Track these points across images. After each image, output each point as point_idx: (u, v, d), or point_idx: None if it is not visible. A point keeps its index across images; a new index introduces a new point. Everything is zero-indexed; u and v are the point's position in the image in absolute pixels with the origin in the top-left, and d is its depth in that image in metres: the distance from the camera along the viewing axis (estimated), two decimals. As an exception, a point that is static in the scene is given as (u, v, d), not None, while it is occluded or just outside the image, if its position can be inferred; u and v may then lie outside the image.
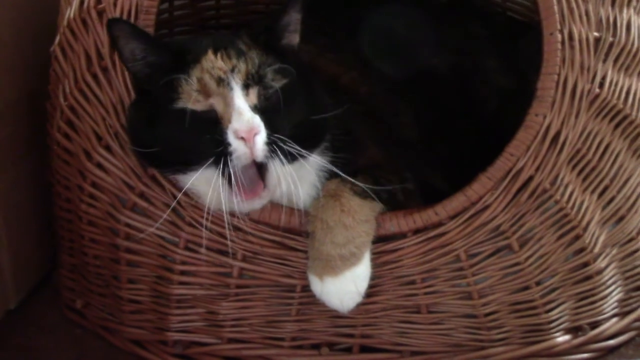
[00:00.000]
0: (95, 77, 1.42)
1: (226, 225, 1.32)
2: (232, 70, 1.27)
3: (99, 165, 1.44)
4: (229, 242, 1.37)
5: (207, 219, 1.34)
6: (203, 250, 1.40)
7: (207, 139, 1.26)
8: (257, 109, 1.27)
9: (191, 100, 1.26)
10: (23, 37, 1.63)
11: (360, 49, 1.63)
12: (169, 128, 1.28)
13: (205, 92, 1.27)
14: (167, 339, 1.50)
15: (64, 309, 1.65)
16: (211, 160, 1.26)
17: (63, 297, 1.65)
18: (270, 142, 1.25)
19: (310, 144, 1.32)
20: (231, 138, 1.25)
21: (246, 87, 1.27)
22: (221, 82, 1.26)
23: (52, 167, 1.57)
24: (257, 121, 1.25)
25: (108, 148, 1.43)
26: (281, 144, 1.26)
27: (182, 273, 1.45)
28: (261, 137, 1.25)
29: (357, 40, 1.64)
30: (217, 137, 1.25)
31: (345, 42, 1.65)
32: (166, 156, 1.31)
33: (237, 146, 1.25)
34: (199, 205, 1.37)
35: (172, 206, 1.37)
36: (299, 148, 1.27)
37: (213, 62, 1.28)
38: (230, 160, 1.25)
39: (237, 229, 1.39)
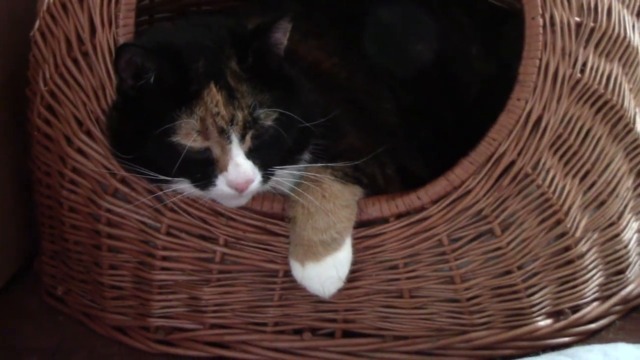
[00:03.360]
0: (75, 61, 1.41)
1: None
2: (232, 122, 1.25)
3: (80, 151, 1.43)
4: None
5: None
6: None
7: (195, 169, 1.27)
8: (251, 151, 1.27)
9: (190, 139, 1.25)
10: (1, 23, 1.61)
11: (342, 35, 1.63)
12: (157, 151, 1.27)
13: (204, 135, 1.26)
14: (149, 325, 1.49)
15: (44, 295, 1.64)
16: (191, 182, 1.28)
17: (44, 284, 1.64)
18: (263, 179, 1.28)
19: (298, 150, 1.34)
20: (221, 183, 1.26)
21: (243, 136, 1.26)
22: (222, 132, 1.25)
23: (32, 153, 1.56)
24: (253, 171, 1.26)
25: (89, 133, 1.42)
26: (272, 172, 1.29)
27: (164, 258, 1.44)
28: (255, 184, 1.27)
29: (339, 26, 1.64)
30: (207, 172, 1.26)
31: (327, 28, 1.64)
32: (147, 168, 1.29)
33: (225, 190, 1.26)
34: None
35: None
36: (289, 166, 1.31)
37: (217, 105, 1.25)
38: (212, 188, 1.27)
39: (219, 214, 1.39)
